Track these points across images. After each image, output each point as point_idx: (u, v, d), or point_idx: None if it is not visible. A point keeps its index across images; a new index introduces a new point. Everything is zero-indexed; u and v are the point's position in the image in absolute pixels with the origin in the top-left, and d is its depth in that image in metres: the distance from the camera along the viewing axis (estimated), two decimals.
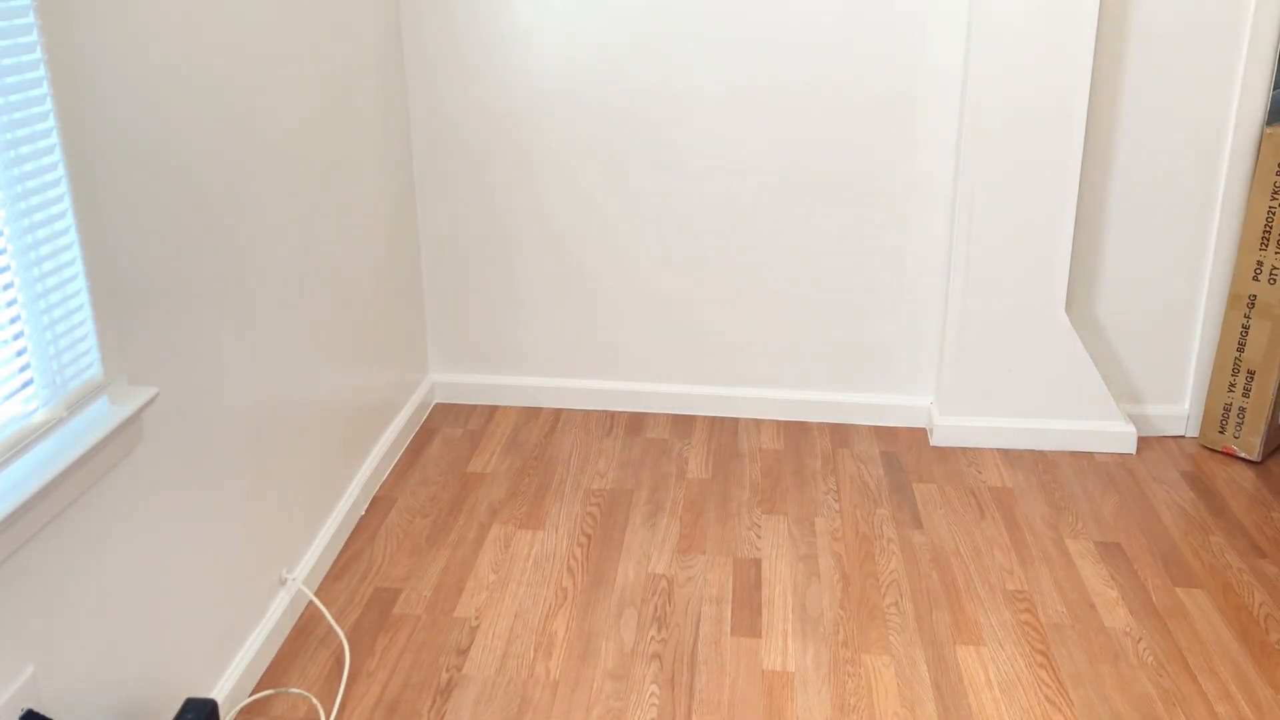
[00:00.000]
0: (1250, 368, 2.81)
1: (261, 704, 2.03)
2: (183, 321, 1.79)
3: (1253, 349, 2.80)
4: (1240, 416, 2.86)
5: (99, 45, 1.54)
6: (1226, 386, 2.87)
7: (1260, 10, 2.63)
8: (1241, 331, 2.81)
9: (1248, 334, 2.80)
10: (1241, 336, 2.81)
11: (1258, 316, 2.77)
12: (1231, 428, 2.88)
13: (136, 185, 1.64)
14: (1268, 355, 2.79)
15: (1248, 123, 2.72)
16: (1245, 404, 2.84)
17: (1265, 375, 2.80)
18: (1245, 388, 2.83)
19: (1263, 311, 2.77)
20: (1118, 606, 2.30)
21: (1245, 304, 2.79)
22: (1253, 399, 2.83)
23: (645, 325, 3.11)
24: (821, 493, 2.75)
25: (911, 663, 2.14)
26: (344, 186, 2.49)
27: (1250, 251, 2.75)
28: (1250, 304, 2.78)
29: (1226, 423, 2.89)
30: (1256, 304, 2.77)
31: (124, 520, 1.64)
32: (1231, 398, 2.87)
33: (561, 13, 2.81)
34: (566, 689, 2.07)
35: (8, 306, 1.40)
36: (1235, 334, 2.82)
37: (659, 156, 2.92)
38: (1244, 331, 2.80)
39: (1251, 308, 2.78)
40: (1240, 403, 2.85)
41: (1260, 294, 2.76)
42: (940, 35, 2.74)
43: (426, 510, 2.66)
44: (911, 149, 2.85)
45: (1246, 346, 2.81)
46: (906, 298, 2.99)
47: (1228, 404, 2.88)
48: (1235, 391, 2.86)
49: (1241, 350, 2.82)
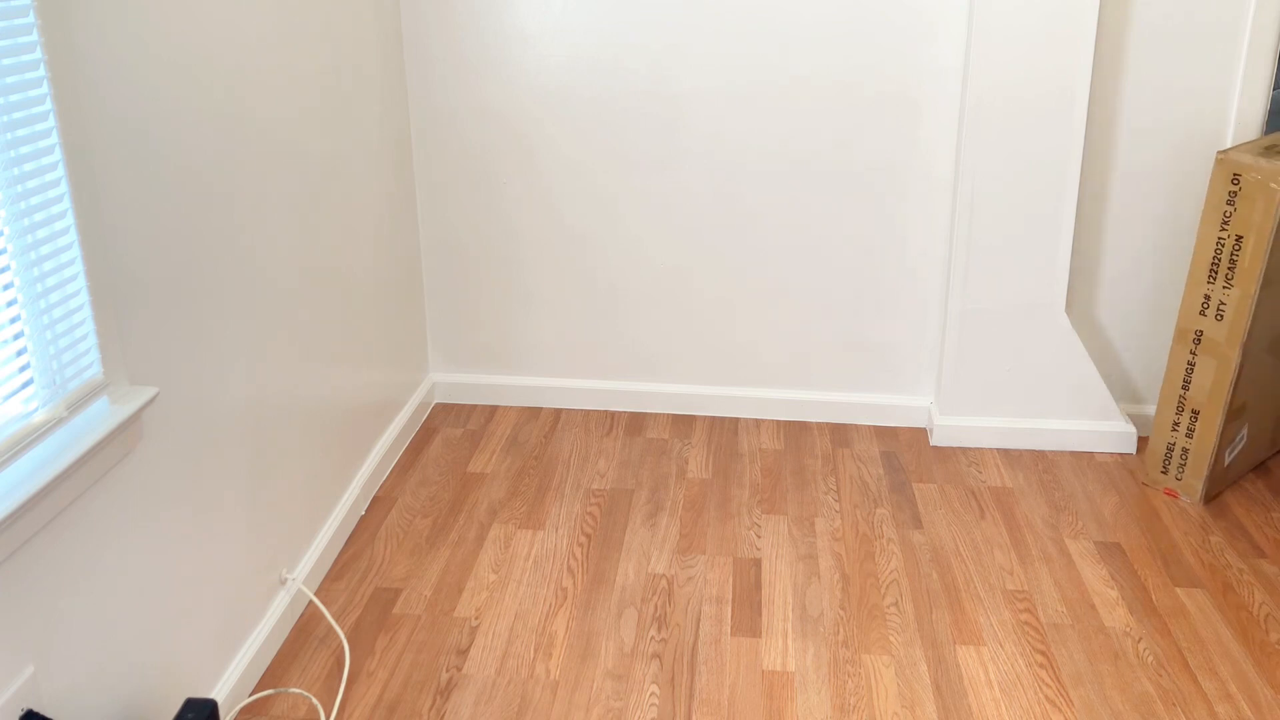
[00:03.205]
0: (1194, 407, 2.63)
1: (261, 704, 2.03)
2: (183, 321, 1.79)
3: (1197, 388, 2.63)
4: (1183, 457, 2.68)
5: (99, 46, 1.54)
6: (1170, 425, 2.70)
7: (1260, 10, 2.63)
8: (1187, 368, 2.63)
9: (1193, 371, 2.62)
10: (1187, 373, 2.64)
11: (1203, 354, 2.59)
12: (1174, 469, 2.70)
13: (137, 186, 1.65)
14: (1212, 395, 2.60)
15: (1248, 123, 2.72)
16: (1188, 445, 2.67)
17: (1209, 416, 2.62)
18: (1189, 428, 2.66)
19: (1209, 349, 2.58)
20: (1118, 606, 2.30)
21: (1191, 339, 2.61)
22: (1196, 440, 2.65)
23: (645, 325, 3.11)
24: (821, 493, 2.75)
25: (911, 663, 2.14)
26: (344, 186, 2.49)
27: (1198, 285, 2.58)
28: (1196, 340, 2.60)
29: (1169, 463, 2.71)
30: (1203, 340, 2.59)
31: (124, 520, 1.64)
32: (1175, 437, 2.69)
33: (561, 11, 2.81)
34: (566, 689, 2.07)
35: (8, 306, 1.40)
36: (1181, 370, 2.65)
37: (659, 156, 2.92)
38: (1189, 368, 2.63)
39: (1198, 344, 2.60)
40: (1184, 443, 2.67)
41: (1207, 330, 2.57)
42: (941, 34, 2.74)
43: (426, 510, 2.66)
44: (912, 148, 2.85)
45: (1191, 384, 2.63)
46: (906, 297, 2.99)
47: (1171, 443, 2.70)
48: (1179, 431, 2.68)
49: (1186, 388, 2.65)
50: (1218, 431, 2.61)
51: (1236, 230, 2.48)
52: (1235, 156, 2.47)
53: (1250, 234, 2.46)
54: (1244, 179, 2.45)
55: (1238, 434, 2.66)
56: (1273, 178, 2.41)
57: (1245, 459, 2.76)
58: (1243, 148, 2.50)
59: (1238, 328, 2.52)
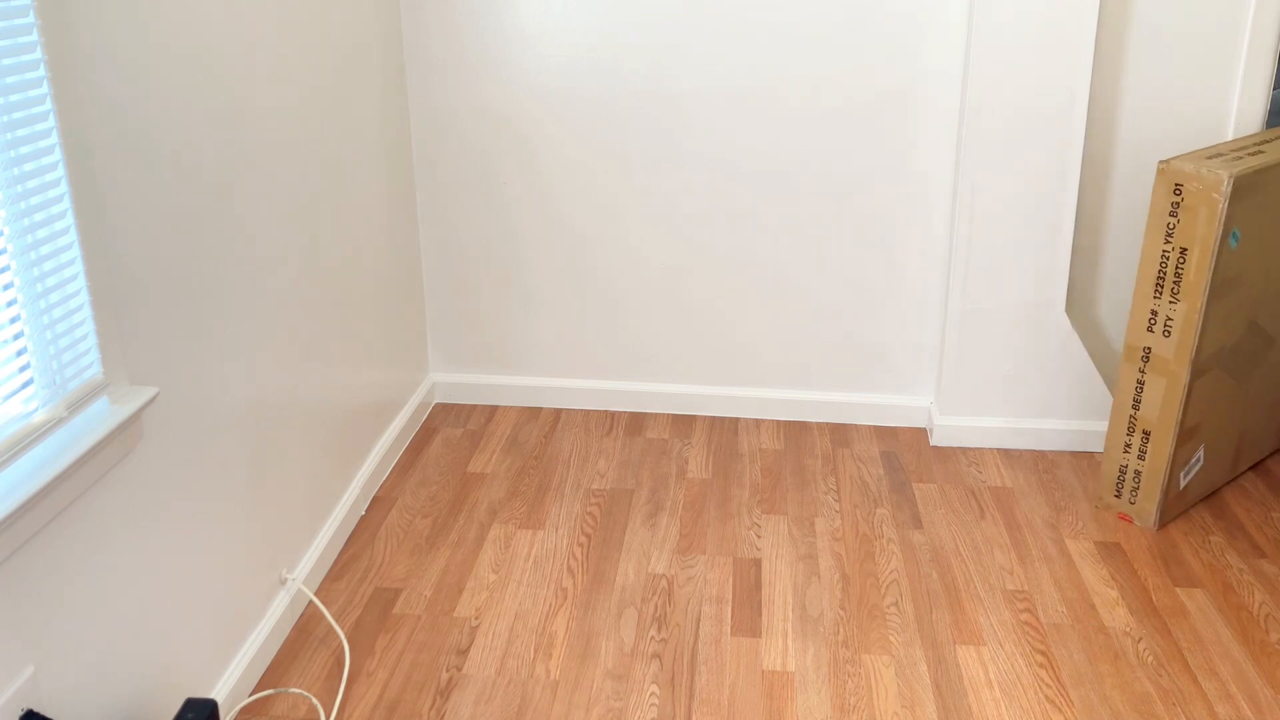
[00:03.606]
0: (1146, 428, 2.51)
1: (261, 704, 2.03)
2: (183, 321, 1.79)
3: (1148, 407, 2.50)
4: (1136, 480, 2.56)
5: (99, 46, 1.54)
6: (1122, 446, 2.57)
7: (1260, 10, 2.63)
8: (1137, 387, 2.51)
9: (1142, 390, 2.50)
10: (1137, 393, 2.51)
11: (1153, 372, 2.47)
12: (1127, 492, 2.59)
13: (137, 185, 1.65)
14: (1162, 415, 2.48)
15: (1248, 123, 2.72)
16: (1141, 468, 2.55)
17: (1161, 437, 2.49)
18: (1141, 449, 2.54)
19: (1158, 367, 2.45)
20: (1118, 606, 2.30)
21: (1140, 357, 2.49)
22: (1148, 463, 2.53)
23: (645, 325, 3.11)
24: (821, 493, 2.75)
25: (911, 663, 2.14)
26: (344, 186, 2.49)
27: (1144, 300, 2.44)
28: (1145, 357, 2.47)
29: (1122, 486, 2.59)
30: (1151, 358, 2.46)
31: (124, 520, 1.64)
32: (1127, 459, 2.57)
33: (561, 11, 2.81)
34: (566, 689, 2.07)
35: (8, 306, 1.40)
36: (1130, 389, 2.53)
37: (660, 156, 2.92)
38: (1139, 387, 2.50)
39: (1146, 361, 2.47)
40: (1136, 465, 2.55)
41: (1155, 347, 2.45)
42: (941, 35, 2.74)
43: (426, 510, 2.66)
44: (912, 149, 2.85)
45: (1142, 404, 2.51)
46: (907, 298, 2.99)
47: (1123, 465, 2.58)
48: (1130, 453, 2.56)
49: (1136, 408, 2.52)
50: (1169, 454, 2.49)
51: (1181, 243, 2.37)
52: (1177, 166, 2.35)
53: (1194, 246, 2.35)
54: (1186, 189, 2.34)
55: (1193, 456, 2.54)
56: (1214, 187, 2.29)
57: (1203, 481, 2.64)
58: (1186, 157, 2.39)
59: (1185, 344, 2.40)
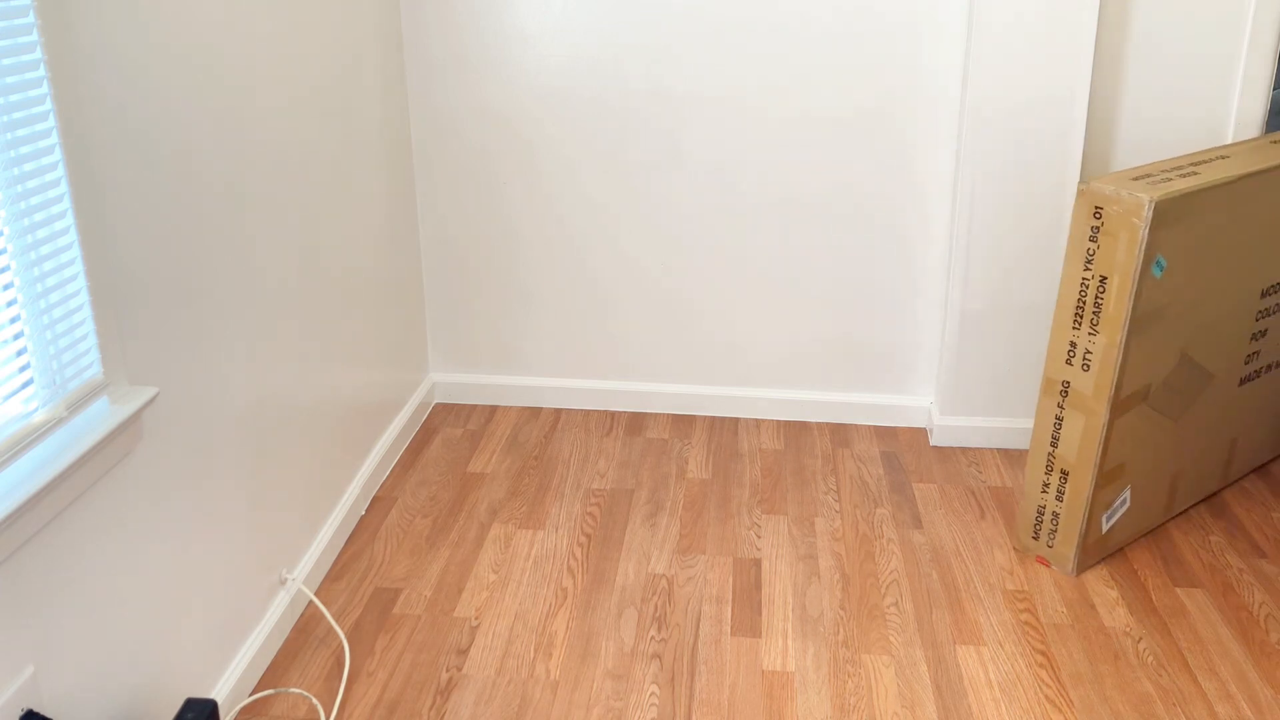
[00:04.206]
0: (1064, 467, 2.35)
1: (261, 704, 2.03)
2: (183, 321, 1.79)
3: (1066, 446, 2.33)
4: (1054, 523, 2.40)
5: (99, 46, 1.54)
6: (1040, 486, 2.41)
7: (1260, 10, 2.63)
8: (1055, 424, 2.34)
9: (1061, 427, 2.33)
10: (1055, 429, 2.34)
11: (1071, 408, 2.30)
12: (1045, 535, 2.42)
13: (137, 185, 1.65)
14: (1081, 455, 2.31)
15: (1248, 123, 2.72)
16: (1059, 509, 2.38)
17: (1079, 478, 2.32)
18: (1059, 490, 2.37)
19: (1077, 403, 2.29)
20: (1118, 606, 2.30)
21: (1059, 391, 2.32)
22: (1066, 504, 2.36)
23: (645, 325, 3.11)
24: (821, 493, 2.75)
25: (911, 663, 2.14)
26: (344, 186, 2.49)
27: (1063, 330, 2.28)
28: (1064, 392, 2.31)
29: (1040, 528, 2.43)
30: (1070, 393, 2.29)
31: (124, 520, 1.64)
32: (1045, 499, 2.41)
33: (561, 11, 2.81)
34: (566, 689, 2.07)
35: (8, 306, 1.40)
36: (1049, 426, 2.36)
37: (660, 157, 2.92)
38: (1057, 424, 2.33)
39: (1065, 396, 2.31)
40: (1054, 507, 2.39)
41: (1074, 381, 2.28)
42: (941, 36, 2.74)
43: (426, 510, 2.66)
44: (912, 149, 2.85)
45: (1060, 442, 2.34)
46: (906, 298, 2.99)
47: (1041, 506, 2.42)
48: (1049, 493, 2.39)
49: (1055, 445, 2.36)
50: (1087, 495, 2.32)
51: (1100, 270, 2.18)
52: (1097, 187, 2.17)
53: (1114, 274, 2.16)
54: (1106, 213, 2.15)
55: (1117, 497, 2.38)
56: (1135, 212, 2.11)
57: (1131, 525, 2.47)
58: (1109, 177, 2.21)
59: (1105, 380, 2.22)
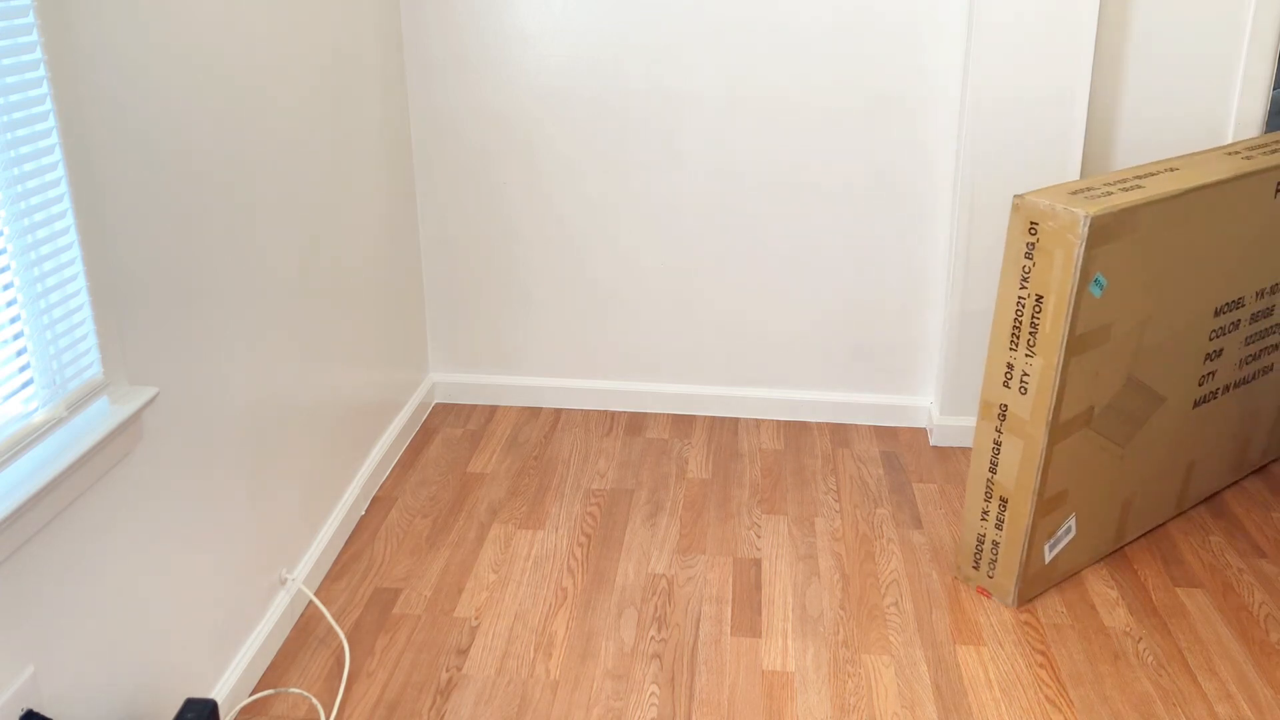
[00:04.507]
0: (1003, 494, 2.24)
1: (261, 704, 2.03)
2: (183, 321, 1.79)
3: (1004, 472, 2.23)
4: (994, 552, 2.29)
5: (99, 46, 1.54)
6: (980, 514, 2.30)
7: (1260, 10, 2.63)
8: (993, 449, 2.23)
9: (999, 452, 2.23)
10: (994, 454, 2.24)
11: (1009, 433, 2.19)
12: (985, 564, 2.32)
13: (137, 186, 1.65)
14: (1020, 481, 2.20)
15: (1248, 123, 2.72)
16: (999, 538, 2.27)
17: (1019, 505, 2.22)
18: (998, 518, 2.27)
19: (1014, 427, 2.18)
20: (1118, 606, 2.30)
21: (996, 415, 2.21)
22: (1006, 533, 2.25)
23: (645, 325, 3.11)
24: (821, 493, 2.75)
25: (911, 663, 2.14)
26: (344, 186, 2.49)
27: (1000, 351, 2.16)
28: (1001, 415, 2.20)
29: (980, 557, 2.33)
30: (1008, 417, 2.18)
31: (124, 520, 1.64)
32: (985, 528, 2.30)
33: (561, 11, 2.81)
34: (566, 689, 2.07)
35: (8, 306, 1.40)
36: (987, 451, 2.25)
37: (660, 156, 2.92)
38: (995, 449, 2.23)
39: (1003, 420, 2.20)
40: (994, 535, 2.28)
41: (1011, 405, 2.17)
42: (941, 35, 2.74)
43: (426, 510, 2.66)
44: (911, 149, 2.85)
45: (998, 468, 2.24)
46: (907, 298, 2.99)
47: (981, 534, 2.31)
48: (989, 521, 2.29)
49: (994, 471, 2.25)
50: (1027, 524, 2.21)
51: (1036, 289, 2.08)
52: (1033, 201, 2.05)
53: (1051, 293, 2.05)
54: (1041, 229, 2.04)
55: (1060, 526, 2.28)
56: (1070, 228, 1.99)
57: (1078, 553, 2.37)
58: (1045, 191, 2.09)
59: (1043, 403, 2.11)
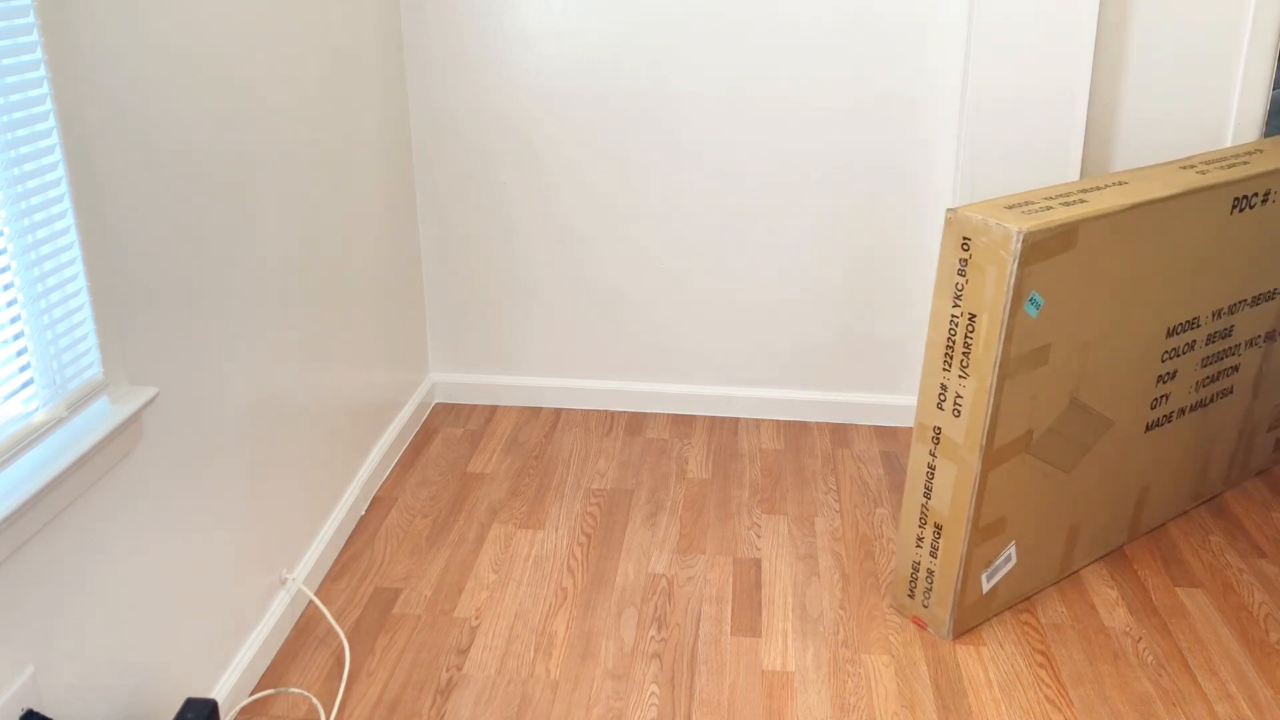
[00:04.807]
0: (938, 520, 2.14)
1: (261, 704, 2.03)
2: (183, 321, 1.79)
3: (939, 497, 2.13)
4: (929, 581, 2.20)
5: (99, 46, 1.54)
6: (914, 540, 2.21)
7: (1260, 10, 2.63)
8: (928, 473, 2.14)
9: (934, 476, 2.13)
10: (928, 479, 2.14)
11: (943, 456, 2.09)
12: (920, 593, 2.23)
13: (137, 186, 1.65)
14: (954, 508, 2.10)
15: (1248, 123, 2.72)
16: (934, 566, 2.18)
17: (953, 532, 2.12)
18: (933, 545, 2.17)
19: (948, 451, 2.08)
20: (1118, 606, 2.30)
21: (930, 438, 2.11)
22: (940, 561, 2.16)
23: (645, 325, 3.11)
24: (821, 493, 2.75)
25: (911, 663, 2.14)
26: (344, 186, 2.49)
27: (934, 371, 2.07)
28: (935, 439, 2.10)
29: (915, 586, 2.23)
30: (942, 440, 2.09)
31: (124, 520, 1.64)
32: (920, 555, 2.20)
33: (562, 11, 2.81)
34: (566, 689, 2.07)
35: (8, 306, 1.40)
36: (922, 474, 2.16)
37: (660, 156, 2.92)
38: (930, 473, 2.14)
39: (937, 443, 2.10)
40: (929, 563, 2.19)
41: (945, 427, 2.07)
42: (941, 35, 2.74)
43: (426, 510, 2.66)
44: (912, 149, 2.85)
45: (933, 493, 2.14)
46: (907, 297, 2.99)
47: (916, 562, 2.22)
48: (923, 548, 2.19)
49: (928, 497, 2.15)
50: (962, 552, 2.11)
51: (969, 307, 1.98)
52: (965, 216, 1.95)
53: (983, 312, 1.96)
54: (974, 244, 1.94)
55: (999, 554, 2.18)
56: (1003, 244, 1.89)
57: (1021, 583, 2.28)
58: (980, 205, 1.99)
59: (976, 426, 2.02)
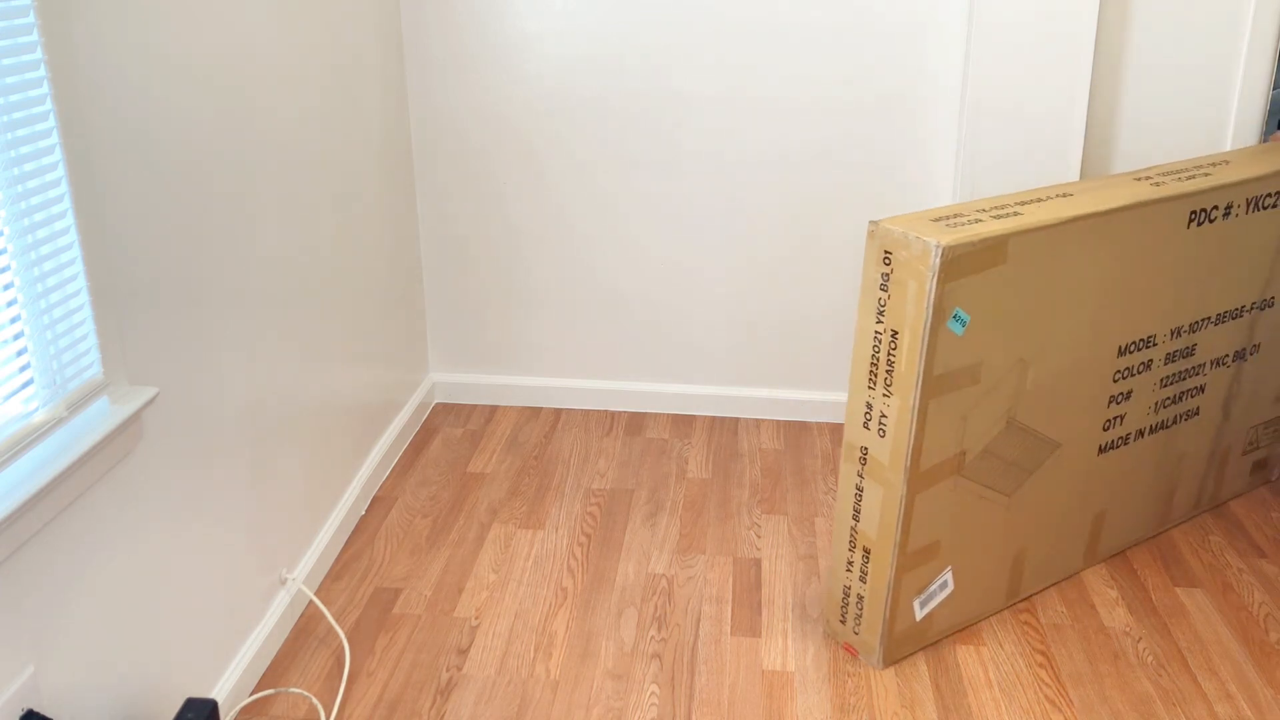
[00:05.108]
0: (866, 544, 2.07)
1: (261, 704, 2.03)
2: (183, 321, 1.79)
3: (867, 520, 2.06)
4: (859, 607, 2.12)
5: (99, 46, 1.54)
6: (845, 564, 2.14)
7: (1260, 10, 2.63)
8: (856, 494, 2.07)
9: (862, 498, 2.06)
10: (856, 500, 2.07)
11: (870, 478, 2.03)
12: (851, 619, 2.15)
13: (137, 185, 1.65)
14: (882, 532, 2.03)
15: (1248, 123, 2.72)
16: (863, 591, 2.11)
17: (880, 557, 2.05)
18: (862, 570, 2.10)
19: (874, 472, 2.01)
20: (1118, 606, 2.30)
21: (858, 458, 2.04)
22: (870, 586, 2.09)
23: (645, 325, 3.11)
24: (821, 493, 2.75)
25: (911, 663, 2.14)
26: (344, 186, 2.49)
27: (859, 389, 2.00)
28: (863, 459, 2.03)
29: (846, 612, 2.16)
30: (869, 460, 2.02)
31: (124, 520, 1.64)
32: (850, 580, 2.13)
33: (561, 11, 2.81)
34: (566, 689, 2.07)
35: (8, 306, 1.40)
36: (850, 496, 2.09)
37: (660, 156, 2.92)
38: (858, 495, 2.07)
39: (864, 464, 2.03)
40: (859, 589, 2.12)
41: (872, 448, 2.00)
42: (941, 35, 2.74)
43: (426, 510, 2.66)
44: (912, 149, 2.85)
45: (861, 515, 2.07)
46: None
47: (846, 587, 2.15)
48: (853, 573, 2.12)
49: (857, 519, 2.09)
50: (889, 578, 2.05)
51: (891, 324, 1.91)
52: (886, 229, 1.87)
53: (905, 329, 1.89)
54: (895, 258, 1.87)
55: (934, 580, 2.11)
56: (922, 259, 1.82)
57: (961, 610, 2.20)
58: (903, 218, 1.93)
59: (900, 447, 1.95)
